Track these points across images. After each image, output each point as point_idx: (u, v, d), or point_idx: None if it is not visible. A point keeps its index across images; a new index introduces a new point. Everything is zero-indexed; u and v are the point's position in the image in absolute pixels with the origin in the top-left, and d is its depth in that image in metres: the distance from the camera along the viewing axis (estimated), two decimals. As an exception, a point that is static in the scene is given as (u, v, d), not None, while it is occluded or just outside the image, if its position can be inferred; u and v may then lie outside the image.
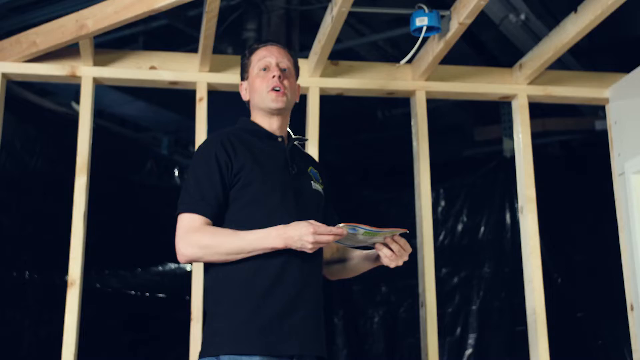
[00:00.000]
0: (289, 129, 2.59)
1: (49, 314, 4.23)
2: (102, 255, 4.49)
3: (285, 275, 2.26)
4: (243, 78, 2.61)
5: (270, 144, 2.47)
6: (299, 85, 2.64)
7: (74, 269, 3.24)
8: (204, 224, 2.27)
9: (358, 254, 2.53)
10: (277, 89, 2.46)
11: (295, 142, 2.57)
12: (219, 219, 2.32)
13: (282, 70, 2.51)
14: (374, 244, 2.34)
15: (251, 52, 2.59)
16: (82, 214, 3.28)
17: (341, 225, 2.17)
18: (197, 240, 2.24)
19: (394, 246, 2.32)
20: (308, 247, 2.17)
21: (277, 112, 2.49)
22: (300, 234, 2.17)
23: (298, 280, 2.28)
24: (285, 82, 2.49)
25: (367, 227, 2.21)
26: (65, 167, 3.63)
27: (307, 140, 2.77)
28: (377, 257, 2.40)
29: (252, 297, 2.24)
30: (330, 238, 2.16)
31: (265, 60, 2.52)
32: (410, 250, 2.35)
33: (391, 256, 2.33)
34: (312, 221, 2.19)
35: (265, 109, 2.49)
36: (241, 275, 2.25)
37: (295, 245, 2.19)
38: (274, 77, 2.47)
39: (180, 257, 2.28)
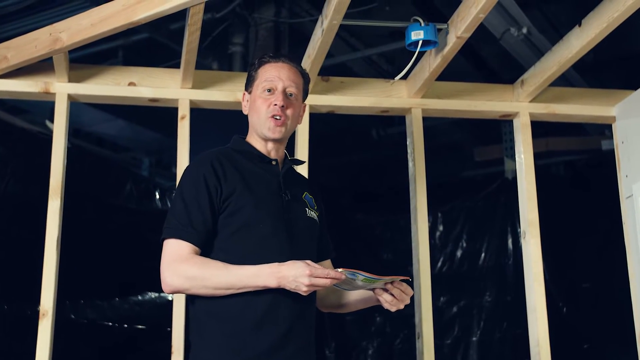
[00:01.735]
0: (285, 150, 2.57)
1: (20, 347, 4.18)
2: (76, 284, 4.44)
3: (276, 310, 2.24)
4: (247, 89, 2.56)
5: (263, 167, 2.45)
6: (304, 106, 2.61)
7: (47, 298, 3.20)
8: (191, 253, 2.24)
9: (354, 298, 2.51)
10: (278, 117, 2.43)
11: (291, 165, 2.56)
12: (207, 247, 2.30)
13: (288, 96, 2.47)
14: (374, 289, 2.32)
15: (260, 65, 2.52)
16: (55, 240, 3.25)
17: (340, 270, 2.15)
18: (185, 270, 2.21)
19: (394, 291, 2.30)
20: (303, 290, 2.15)
21: (273, 140, 2.47)
22: (296, 275, 2.14)
23: (289, 315, 2.26)
24: (289, 110, 2.45)
25: (367, 274, 2.19)
26: (38, 190, 3.60)
27: (303, 162, 2.75)
28: (377, 299, 2.38)
29: (241, 331, 2.22)
30: (327, 282, 2.13)
31: (272, 83, 2.46)
32: (411, 293, 2.32)
33: (392, 301, 2.31)
34: (309, 262, 2.17)
35: (260, 135, 2.48)
36: (230, 308, 2.23)
37: (289, 286, 2.16)
38: (276, 105, 2.43)
39: (165, 287, 2.25)
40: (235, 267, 2.20)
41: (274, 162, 2.47)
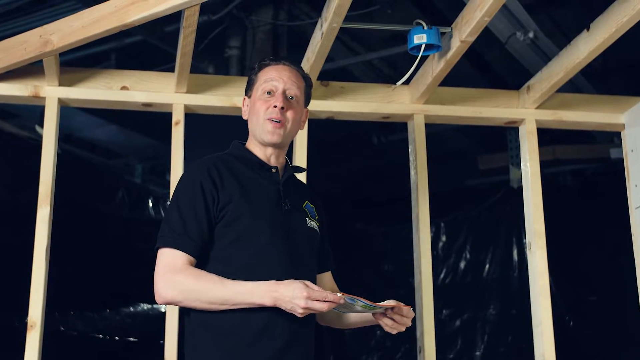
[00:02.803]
0: (286, 157, 2.56)
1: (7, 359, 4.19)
2: (66, 294, 4.44)
3: (274, 324, 2.22)
4: (246, 94, 2.57)
5: (262, 175, 2.44)
6: (306, 111, 2.61)
7: (35, 309, 3.19)
8: (186, 264, 2.23)
9: (354, 317, 2.50)
10: (277, 120, 2.42)
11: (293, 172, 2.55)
12: (203, 257, 2.28)
13: (289, 99, 2.46)
14: (374, 313, 2.32)
15: (260, 68, 2.53)
16: (44, 249, 3.24)
17: (339, 294, 2.14)
18: (179, 282, 2.20)
19: (395, 317, 2.29)
20: (298, 312, 2.13)
21: (272, 145, 2.47)
22: (292, 296, 2.12)
23: (287, 330, 2.24)
24: (289, 113, 2.44)
25: (367, 302, 2.19)
26: (27, 197, 3.60)
27: (304, 170, 2.74)
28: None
29: (237, 345, 2.21)
30: (324, 306, 2.11)
31: (272, 84, 2.46)
32: (412, 315, 2.32)
33: (392, 325, 2.30)
34: (308, 283, 2.15)
35: (259, 140, 2.47)
36: (226, 322, 2.22)
37: (285, 306, 2.14)
38: (275, 107, 2.42)
39: (158, 298, 2.24)
40: (231, 283, 2.19)
41: (273, 170, 2.46)
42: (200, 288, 2.19)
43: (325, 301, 2.11)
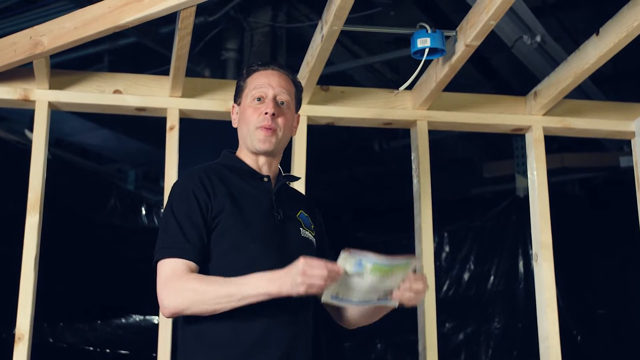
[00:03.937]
0: (280, 166, 2.56)
1: (-6, 372, 4.17)
2: (55, 305, 4.43)
3: (268, 336, 2.22)
4: (235, 101, 2.57)
5: (254, 185, 2.44)
6: (298, 116, 2.62)
7: (23, 321, 3.18)
8: (188, 271, 2.22)
9: (357, 311, 2.47)
10: (268, 127, 2.42)
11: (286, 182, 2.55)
12: (203, 265, 2.28)
13: (279, 105, 2.47)
14: (386, 293, 2.27)
15: (248, 74, 2.54)
16: (33, 258, 3.23)
17: (344, 255, 2.11)
18: (183, 287, 2.19)
19: (415, 285, 2.25)
20: (300, 290, 2.10)
21: (264, 153, 2.47)
22: (291, 273, 2.11)
23: (283, 342, 2.24)
24: (280, 119, 2.45)
25: (377, 259, 2.12)
26: (15, 204, 3.59)
27: (298, 179, 2.74)
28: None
29: (232, 357, 2.21)
30: (323, 272, 2.08)
31: (262, 90, 2.47)
32: (427, 282, 2.30)
33: (410, 298, 2.26)
34: (307, 257, 2.13)
35: (251, 149, 2.47)
36: (220, 334, 2.22)
37: (288, 289, 2.12)
38: (266, 113, 2.43)
39: (163, 310, 2.22)
40: (235, 278, 2.18)
41: (265, 179, 2.46)
42: (204, 287, 2.18)
43: (323, 270, 2.09)
